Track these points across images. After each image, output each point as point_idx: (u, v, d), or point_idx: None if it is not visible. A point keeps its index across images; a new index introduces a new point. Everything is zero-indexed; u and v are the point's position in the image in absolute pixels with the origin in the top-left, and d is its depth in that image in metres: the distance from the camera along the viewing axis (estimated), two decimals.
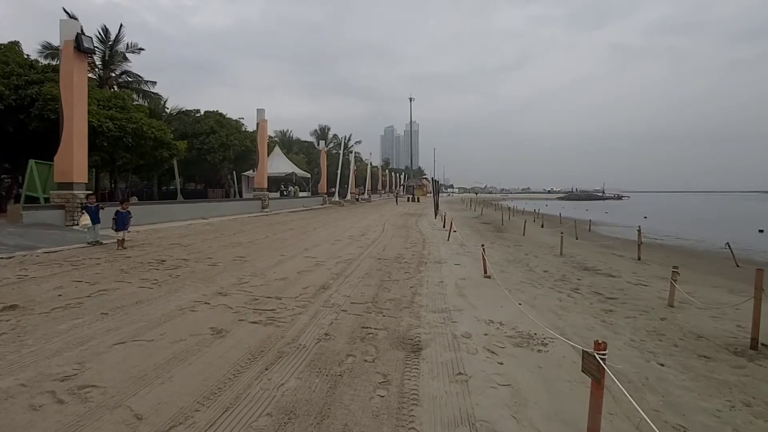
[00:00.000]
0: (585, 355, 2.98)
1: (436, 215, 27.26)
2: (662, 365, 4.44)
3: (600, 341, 2.91)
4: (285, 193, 42.59)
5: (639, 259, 12.76)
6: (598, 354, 2.86)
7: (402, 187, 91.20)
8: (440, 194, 42.29)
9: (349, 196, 52.32)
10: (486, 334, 5.11)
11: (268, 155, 40.16)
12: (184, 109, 40.25)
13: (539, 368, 4.20)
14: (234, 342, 4.69)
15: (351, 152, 64.16)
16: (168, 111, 39.42)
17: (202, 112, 39.19)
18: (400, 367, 4.09)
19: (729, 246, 12.75)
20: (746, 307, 6.55)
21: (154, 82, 34.51)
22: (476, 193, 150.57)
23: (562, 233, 13.85)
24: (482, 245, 9.22)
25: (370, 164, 74.53)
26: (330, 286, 7.40)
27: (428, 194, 53.68)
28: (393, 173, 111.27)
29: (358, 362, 4.19)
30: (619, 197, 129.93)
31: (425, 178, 74.09)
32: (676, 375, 4.19)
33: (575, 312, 6.39)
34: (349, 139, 70.86)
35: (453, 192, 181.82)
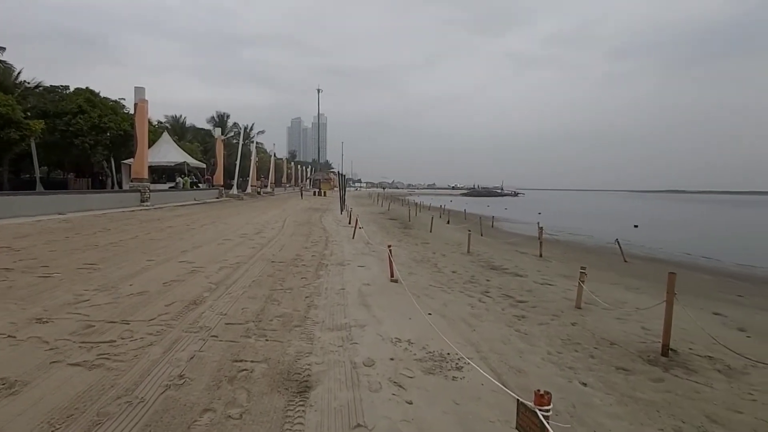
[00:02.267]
0: (521, 409, 2.23)
1: (342, 211, 26.36)
2: (585, 384, 4.01)
3: (542, 392, 2.17)
4: (176, 184, 38.22)
5: (541, 256, 13.23)
6: (540, 410, 2.11)
7: (308, 180, 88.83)
8: (348, 189, 41.52)
9: (249, 189, 49.01)
10: (392, 359, 4.27)
11: (154, 142, 35.54)
12: (46, 85, 33.72)
13: (455, 405, 3.46)
14: (29, 402, 3.21)
15: (253, 142, 60.31)
16: (25, 84, 32.66)
17: (72, 89, 33.24)
18: (276, 425, 3.04)
19: (618, 242, 13.82)
20: (646, 307, 6.72)
21: (2, 49, 28.29)
22: (384, 188, 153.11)
23: (469, 231, 13.87)
24: (389, 246, 8.50)
25: (274, 155, 71.07)
26: (203, 301, 6.02)
27: (335, 188, 52.74)
28: (299, 166, 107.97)
29: (217, 422, 3.04)
30: (516, 194, 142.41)
31: (333, 172, 72.82)
32: (602, 398, 3.76)
33: (488, 320, 5.92)
34: (251, 129, 66.50)
35: (361, 187, 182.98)
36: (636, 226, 29.55)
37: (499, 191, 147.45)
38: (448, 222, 25.90)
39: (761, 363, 4.71)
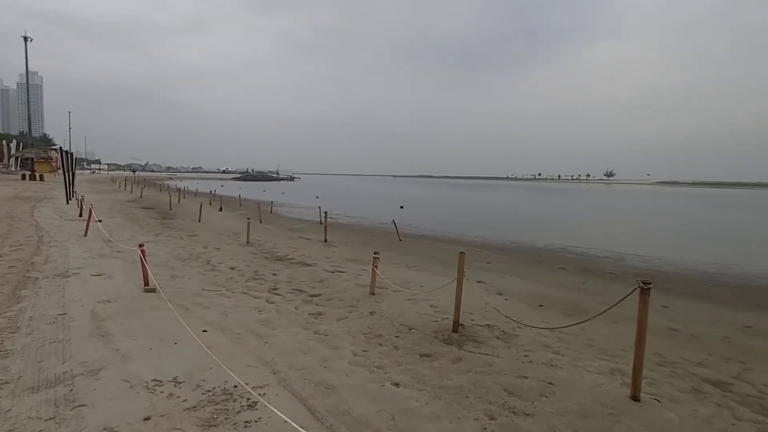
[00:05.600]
0: None
1: (69, 200, 20.76)
2: (397, 385, 3.72)
3: None
4: None
5: (326, 241, 13.22)
6: None
7: (14, 159, 67.82)
8: (81, 172, 33.37)
9: None
10: (148, 418, 3.00)
11: None
12: None
13: None
14: None
15: None
16: None
17: None
18: None
19: (394, 223, 15.08)
20: (428, 284, 7.27)
21: None
22: (134, 171, 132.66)
23: (249, 219, 12.66)
24: (140, 245, 6.65)
25: None
26: None
27: (59, 171, 41.94)
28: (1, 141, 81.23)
29: None
30: (292, 178, 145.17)
31: (54, 150, 57.36)
32: (417, 397, 3.52)
33: (282, 326, 5.14)
34: None
35: (101, 169, 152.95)
36: (402, 207, 33.79)
37: (275, 175, 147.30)
38: (221, 209, 23.72)
39: (522, 323, 5.49)
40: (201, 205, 18.86)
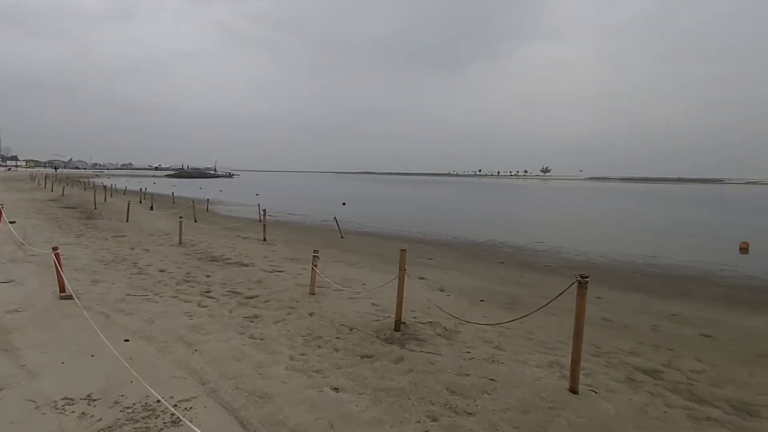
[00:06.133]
0: None
1: None
2: (337, 390, 3.60)
3: None
4: None
5: (265, 240, 12.77)
6: None
7: None
8: None
9: None
10: None
11: None
12: None
13: None
14: None
15: None
16: None
17: None
18: None
19: (336, 220, 14.87)
20: (370, 282, 7.19)
21: None
22: (56, 168, 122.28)
23: (181, 218, 11.94)
24: (54, 248, 6.02)
25: None
26: None
27: None
28: None
29: None
30: (230, 175, 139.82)
31: None
32: (358, 402, 3.42)
33: (214, 331, 4.84)
34: None
35: (18, 166, 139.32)
36: (344, 204, 33.58)
37: (212, 172, 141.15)
38: (152, 208, 22.29)
39: (463, 320, 5.57)
40: (129, 204, 17.59)
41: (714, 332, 6.08)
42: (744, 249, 15.50)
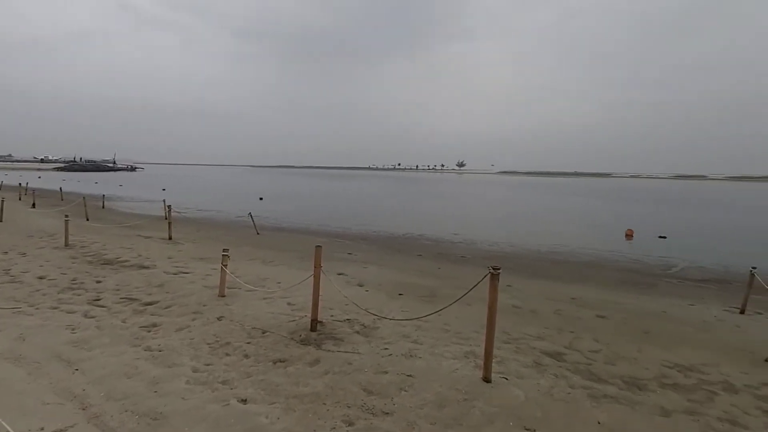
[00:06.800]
0: None
1: None
2: (245, 401, 3.32)
3: None
4: None
5: (170, 238, 11.75)
6: None
7: None
8: None
9: None
10: None
11: None
12: None
13: None
14: None
15: None
16: None
17: None
18: None
19: (251, 216, 14.16)
20: (286, 280, 6.82)
21: None
22: None
23: (66, 216, 10.52)
24: None
25: None
26: None
27: None
28: None
29: None
30: (133, 168, 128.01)
31: None
32: (268, 413, 3.16)
33: (101, 345, 4.26)
34: None
35: None
36: (261, 199, 32.29)
37: (110, 165, 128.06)
38: (34, 206, 19.60)
39: (382, 315, 5.51)
40: (3, 201, 15.24)
41: (608, 313, 6.65)
42: (629, 236, 17.42)
